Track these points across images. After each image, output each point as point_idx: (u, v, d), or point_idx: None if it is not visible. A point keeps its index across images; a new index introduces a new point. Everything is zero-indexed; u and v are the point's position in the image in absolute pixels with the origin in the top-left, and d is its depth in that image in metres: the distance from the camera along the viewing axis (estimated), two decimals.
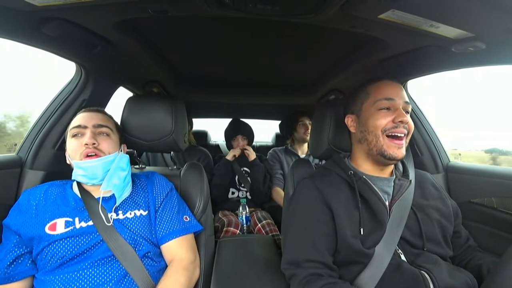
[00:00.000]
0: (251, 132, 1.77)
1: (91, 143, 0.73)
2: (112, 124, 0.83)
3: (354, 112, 0.78)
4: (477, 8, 0.57)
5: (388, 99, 0.70)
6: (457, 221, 0.76)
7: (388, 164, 0.73)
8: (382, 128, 0.69)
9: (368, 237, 0.67)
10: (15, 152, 0.99)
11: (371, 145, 0.71)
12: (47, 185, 0.80)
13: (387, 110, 0.70)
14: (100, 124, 0.78)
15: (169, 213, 0.80)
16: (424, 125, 1.25)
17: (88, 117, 0.79)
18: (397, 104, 0.69)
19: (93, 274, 0.67)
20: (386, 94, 0.70)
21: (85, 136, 0.74)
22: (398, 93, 0.71)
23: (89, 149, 0.73)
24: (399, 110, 0.68)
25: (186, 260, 0.76)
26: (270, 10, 0.66)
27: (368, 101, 0.73)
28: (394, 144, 0.68)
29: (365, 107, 0.74)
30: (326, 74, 1.34)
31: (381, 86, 0.72)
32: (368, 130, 0.71)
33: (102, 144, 0.76)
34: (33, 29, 0.70)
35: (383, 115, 0.69)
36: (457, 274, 0.65)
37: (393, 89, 0.71)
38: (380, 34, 0.76)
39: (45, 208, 0.73)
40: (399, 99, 0.70)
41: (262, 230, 1.39)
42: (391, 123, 0.68)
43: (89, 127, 0.76)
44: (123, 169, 0.78)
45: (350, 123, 0.79)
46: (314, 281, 0.62)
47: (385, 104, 0.70)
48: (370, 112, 0.72)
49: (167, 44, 1.04)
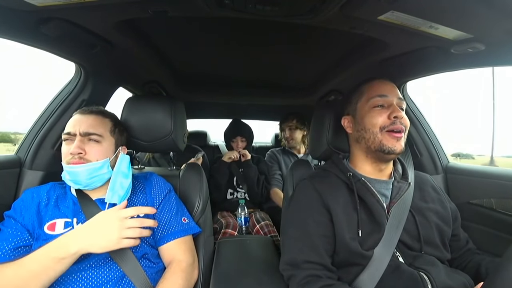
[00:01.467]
0: (250, 133, 1.76)
1: (76, 153, 0.71)
2: (106, 127, 0.80)
3: (349, 113, 0.79)
4: (476, 10, 0.57)
5: (381, 96, 0.71)
6: (456, 224, 0.76)
7: (388, 159, 0.73)
8: (380, 126, 0.69)
9: (367, 239, 0.67)
10: (14, 152, 0.99)
11: (369, 142, 0.71)
12: (50, 185, 0.80)
13: (381, 107, 0.70)
14: (87, 132, 0.75)
15: (167, 214, 0.80)
16: (423, 126, 1.25)
17: (78, 122, 0.75)
18: (391, 101, 0.70)
19: (91, 276, 0.66)
20: (379, 91, 0.71)
21: (72, 144, 0.73)
22: (391, 90, 0.72)
23: (74, 159, 0.72)
24: (393, 106, 0.69)
25: (185, 262, 0.75)
26: (269, 10, 0.66)
27: (362, 100, 0.74)
28: (392, 137, 0.68)
29: (360, 106, 0.74)
30: (326, 75, 1.34)
31: (374, 85, 0.74)
32: (365, 128, 0.71)
33: (90, 153, 0.74)
34: (32, 29, 0.70)
35: (378, 112, 0.70)
36: (455, 275, 0.65)
37: (386, 87, 0.72)
38: (379, 35, 0.77)
39: (47, 208, 0.73)
40: (392, 96, 0.71)
41: (260, 231, 1.38)
42: (387, 120, 0.68)
43: (76, 135, 0.74)
44: (126, 176, 0.77)
45: (347, 124, 0.79)
46: (313, 283, 0.62)
47: (379, 101, 0.70)
48: (364, 110, 0.72)
49: (167, 45, 1.05)
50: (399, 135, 0.68)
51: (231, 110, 2.20)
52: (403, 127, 0.69)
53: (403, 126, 0.69)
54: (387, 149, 0.68)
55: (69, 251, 0.58)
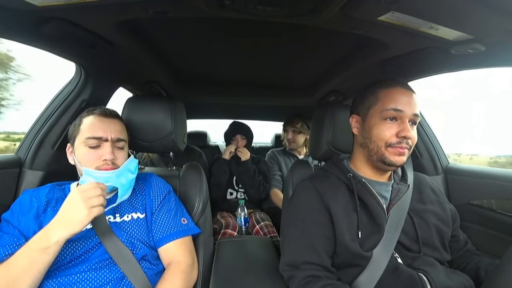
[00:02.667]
0: (250, 132, 1.77)
1: (110, 159, 0.72)
2: (126, 132, 0.82)
3: (360, 114, 0.75)
4: (477, 10, 0.57)
5: (396, 110, 0.66)
6: (455, 225, 0.76)
7: (388, 170, 0.73)
8: (386, 142, 0.67)
9: (366, 240, 0.67)
10: (14, 152, 0.99)
11: (372, 152, 0.70)
12: (48, 187, 0.78)
13: (393, 120, 0.67)
14: (119, 138, 0.76)
15: (167, 215, 0.80)
16: (424, 127, 1.26)
17: (108, 127, 0.76)
18: (405, 117, 0.66)
19: (91, 278, 0.66)
20: (395, 104, 0.66)
21: (104, 150, 0.73)
22: (408, 103, 0.67)
23: (108, 165, 0.72)
24: (405, 124, 0.66)
25: (184, 263, 0.75)
26: (270, 11, 0.66)
27: (376, 107, 0.70)
28: (396, 151, 0.66)
29: (372, 113, 0.71)
30: (326, 76, 1.34)
31: (393, 94, 0.68)
32: (371, 139, 0.70)
33: (119, 159, 0.75)
34: (33, 29, 0.70)
35: (388, 126, 0.67)
36: (454, 276, 0.65)
37: (404, 98, 0.67)
38: (379, 35, 0.76)
39: (46, 212, 0.72)
40: (408, 111, 0.66)
41: (260, 231, 1.38)
42: (395, 138, 0.66)
43: (109, 141, 0.74)
44: (132, 172, 0.77)
45: (354, 124, 0.77)
46: (313, 283, 0.62)
47: (392, 114, 0.67)
48: (375, 120, 0.69)
49: (167, 45, 1.04)
50: (403, 151, 0.67)
51: (231, 110, 2.20)
52: (409, 146, 0.67)
53: (409, 146, 0.67)
54: (388, 161, 0.67)
55: (51, 239, 0.59)
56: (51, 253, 0.60)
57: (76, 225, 0.61)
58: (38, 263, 0.59)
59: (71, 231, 0.61)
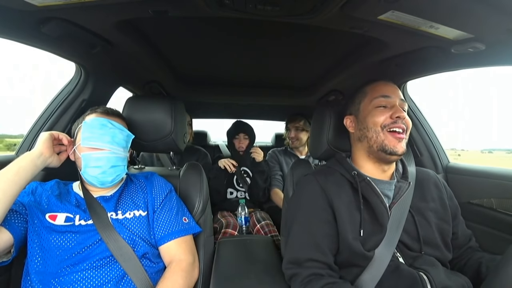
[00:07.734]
0: (252, 131, 1.77)
1: None
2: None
3: (352, 113, 0.80)
4: (477, 9, 0.57)
5: (384, 96, 0.73)
6: (455, 222, 0.76)
7: (390, 160, 0.73)
8: (381, 124, 0.70)
9: (369, 239, 0.67)
10: (14, 152, 0.99)
11: (371, 141, 0.72)
12: (54, 181, 0.81)
13: (384, 107, 0.72)
14: None
15: (168, 214, 0.80)
16: (424, 126, 1.26)
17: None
18: (393, 102, 0.72)
19: (93, 276, 0.66)
20: (382, 92, 0.73)
21: None
22: (393, 91, 0.74)
23: None
24: (396, 106, 0.71)
25: (185, 262, 0.75)
26: (270, 10, 0.66)
27: (365, 100, 0.76)
28: (394, 138, 0.69)
29: (363, 106, 0.76)
30: (326, 75, 1.34)
31: (378, 86, 0.76)
32: (368, 127, 0.73)
33: None
34: (33, 29, 0.70)
35: (380, 111, 0.72)
36: (454, 277, 0.66)
37: (389, 88, 0.74)
38: (379, 35, 0.76)
39: (49, 200, 0.74)
40: (395, 97, 0.73)
41: (261, 230, 1.38)
42: (389, 119, 0.70)
43: None
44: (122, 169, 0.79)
45: (349, 124, 0.81)
46: (315, 281, 0.62)
47: (382, 102, 0.72)
48: (368, 110, 0.74)
49: (167, 44, 1.04)
50: (401, 136, 0.69)
51: (231, 110, 2.20)
52: (405, 127, 0.70)
53: (404, 126, 0.70)
54: (389, 149, 0.69)
55: (19, 163, 0.65)
56: (23, 177, 0.65)
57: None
58: (11, 184, 0.63)
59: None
